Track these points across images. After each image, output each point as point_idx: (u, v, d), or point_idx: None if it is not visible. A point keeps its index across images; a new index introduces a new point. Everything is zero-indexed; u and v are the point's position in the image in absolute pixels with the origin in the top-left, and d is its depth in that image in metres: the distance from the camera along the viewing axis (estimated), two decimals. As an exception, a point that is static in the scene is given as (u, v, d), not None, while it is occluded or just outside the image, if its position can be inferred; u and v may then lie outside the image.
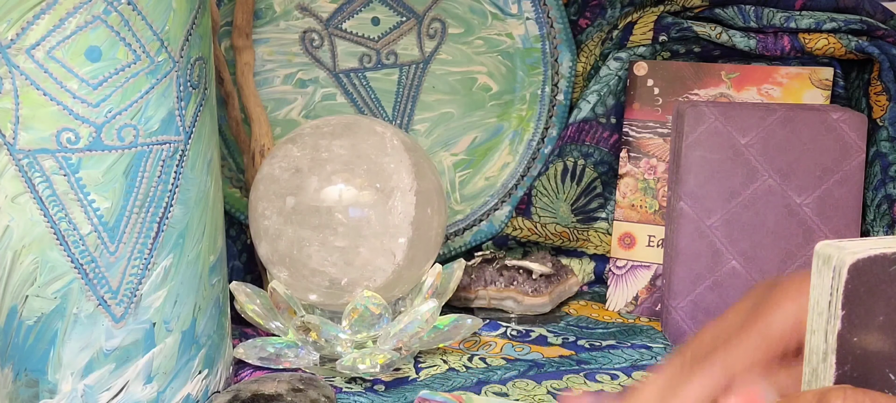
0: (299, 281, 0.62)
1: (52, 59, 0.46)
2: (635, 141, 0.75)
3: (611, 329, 0.71)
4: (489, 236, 0.79)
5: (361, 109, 0.77)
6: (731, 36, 0.73)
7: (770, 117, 0.67)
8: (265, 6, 0.74)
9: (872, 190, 0.69)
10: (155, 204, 0.50)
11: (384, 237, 0.60)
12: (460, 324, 0.64)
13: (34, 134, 0.47)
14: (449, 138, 0.79)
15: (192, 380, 0.54)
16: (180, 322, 0.53)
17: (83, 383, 0.51)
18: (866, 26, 0.71)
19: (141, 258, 0.50)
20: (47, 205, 0.48)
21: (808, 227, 0.67)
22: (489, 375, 0.62)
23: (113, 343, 0.51)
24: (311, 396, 0.55)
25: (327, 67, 0.76)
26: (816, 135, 0.66)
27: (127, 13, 0.47)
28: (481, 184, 0.80)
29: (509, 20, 0.77)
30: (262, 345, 0.61)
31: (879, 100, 0.71)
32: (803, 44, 0.72)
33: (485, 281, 0.73)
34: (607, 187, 0.79)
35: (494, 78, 0.78)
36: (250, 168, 0.73)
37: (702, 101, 0.71)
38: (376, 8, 0.76)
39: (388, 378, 0.62)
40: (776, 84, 0.73)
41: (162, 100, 0.49)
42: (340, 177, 0.60)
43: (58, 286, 0.49)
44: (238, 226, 0.76)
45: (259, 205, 0.62)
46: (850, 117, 0.67)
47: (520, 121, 0.79)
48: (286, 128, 0.76)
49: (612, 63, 0.76)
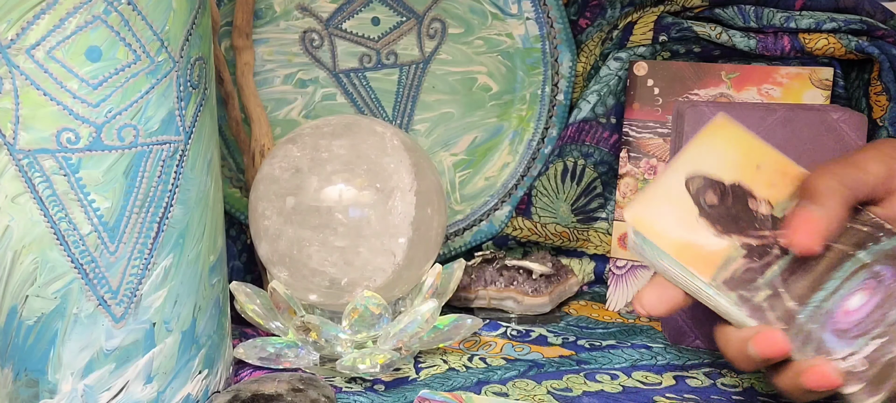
0: (299, 281, 0.62)
1: (52, 59, 0.46)
2: (635, 141, 0.75)
3: (611, 329, 0.71)
4: (489, 236, 0.79)
5: (361, 109, 0.77)
6: (731, 36, 0.73)
7: (770, 117, 0.67)
8: (265, 6, 0.74)
9: (872, 190, 0.69)
10: (155, 204, 0.50)
11: (384, 237, 0.60)
12: (460, 324, 0.64)
13: (34, 134, 0.47)
14: (449, 138, 0.79)
15: (192, 380, 0.54)
16: (180, 322, 0.53)
17: (83, 383, 0.51)
18: (866, 26, 0.71)
19: (141, 258, 0.50)
20: (47, 205, 0.48)
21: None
22: (489, 375, 0.62)
23: (113, 344, 0.51)
24: (311, 396, 0.55)
25: (327, 67, 0.76)
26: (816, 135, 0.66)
27: (127, 13, 0.47)
28: (481, 184, 0.80)
29: (509, 20, 0.77)
30: (262, 345, 0.61)
31: (879, 100, 0.71)
32: (803, 44, 0.72)
33: (485, 281, 0.73)
34: (607, 187, 0.79)
35: (494, 78, 0.78)
36: (250, 168, 0.73)
37: (702, 101, 0.71)
38: (376, 8, 0.76)
39: (388, 378, 0.62)
40: (776, 84, 0.73)
41: (162, 100, 0.49)
42: (340, 177, 0.60)
43: (58, 286, 0.49)
44: (238, 226, 0.76)
45: (259, 205, 0.62)
46: (850, 117, 0.67)
47: (520, 121, 0.79)
48: (286, 128, 0.76)
49: (612, 63, 0.76)
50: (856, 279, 0.46)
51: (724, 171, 0.49)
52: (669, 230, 0.48)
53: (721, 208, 0.48)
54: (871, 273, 0.45)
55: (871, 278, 0.45)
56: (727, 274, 0.47)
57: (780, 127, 0.67)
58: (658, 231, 0.48)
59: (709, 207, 0.48)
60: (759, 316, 0.45)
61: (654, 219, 0.48)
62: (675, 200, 0.49)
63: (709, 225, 0.48)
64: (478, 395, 0.58)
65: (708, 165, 0.50)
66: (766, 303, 0.45)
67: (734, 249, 0.47)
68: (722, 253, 0.47)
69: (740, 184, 0.49)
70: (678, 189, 0.49)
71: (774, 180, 0.49)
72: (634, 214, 0.48)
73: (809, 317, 0.45)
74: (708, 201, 0.48)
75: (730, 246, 0.47)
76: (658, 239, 0.47)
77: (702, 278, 0.46)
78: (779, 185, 0.49)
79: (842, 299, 0.45)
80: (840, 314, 0.45)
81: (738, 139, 0.51)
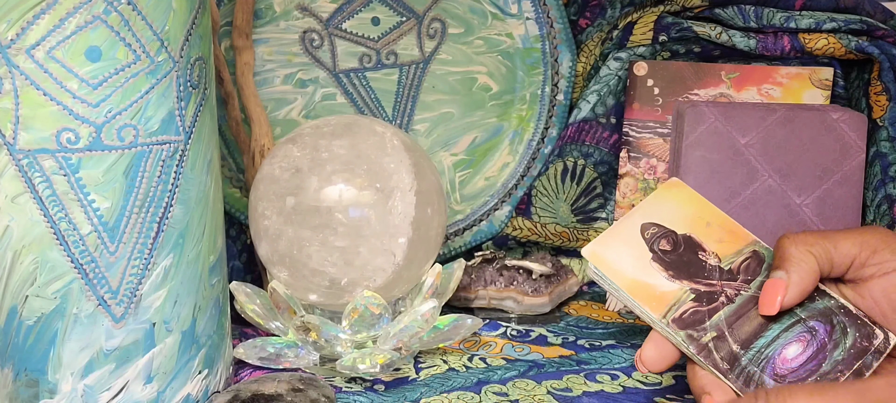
0: (299, 281, 0.62)
1: (52, 59, 0.46)
2: (635, 141, 0.75)
3: (611, 329, 0.71)
4: (489, 236, 0.79)
5: (361, 109, 0.77)
6: (731, 36, 0.73)
7: (770, 117, 0.67)
8: (265, 6, 0.74)
9: (872, 190, 0.69)
10: (155, 204, 0.50)
11: (384, 237, 0.60)
12: (460, 324, 0.64)
13: (34, 134, 0.47)
14: (449, 138, 0.79)
15: (192, 380, 0.54)
16: (180, 322, 0.53)
17: (83, 383, 0.51)
18: (866, 26, 0.71)
19: (141, 258, 0.50)
20: (47, 205, 0.48)
21: (808, 227, 0.67)
22: (489, 375, 0.62)
23: (113, 343, 0.51)
24: (311, 396, 0.55)
25: (327, 67, 0.76)
26: (816, 135, 0.67)
27: (127, 13, 0.47)
28: (481, 184, 0.80)
29: (509, 20, 0.77)
30: (262, 345, 0.61)
31: (879, 100, 0.71)
32: (803, 44, 0.72)
33: (485, 281, 0.73)
34: (607, 187, 0.79)
35: (494, 78, 0.78)
36: (250, 168, 0.73)
37: (702, 101, 0.71)
38: (376, 8, 0.76)
39: (388, 378, 0.62)
40: (776, 84, 0.73)
41: (162, 100, 0.49)
42: (340, 177, 0.60)
43: (58, 286, 0.49)
44: (238, 226, 0.76)
45: (259, 205, 0.62)
46: (850, 117, 0.67)
47: (520, 121, 0.79)
48: (286, 128, 0.76)
49: (612, 63, 0.76)
50: (792, 331, 0.50)
51: (676, 224, 0.54)
52: (625, 269, 0.52)
53: (673, 255, 0.53)
54: (806, 327, 0.50)
55: (806, 332, 0.50)
56: (677, 313, 0.51)
57: (780, 127, 0.67)
58: (615, 268, 0.52)
59: (662, 252, 0.53)
60: (705, 355, 0.49)
61: (612, 258, 0.53)
62: (631, 244, 0.53)
63: (662, 270, 0.52)
64: (478, 395, 0.59)
65: (662, 217, 0.55)
66: (712, 344, 0.50)
67: (684, 293, 0.52)
68: (673, 295, 0.52)
69: (691, 236, 0.54)
70: (634, 234, 0.54)
71: (722, 237, 0.54)
72: (592, 252, 0.53)
73: (751, 360, 0.49)
74: (661, 247, 0.53)
75: (680, 290, 0.52)
76: (614, 275, 0.52)
77: (653, 314, 0.51)
78: (726, 242, 0.54)
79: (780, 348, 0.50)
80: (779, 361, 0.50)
81: (690, 199, 0.55)
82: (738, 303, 0.52)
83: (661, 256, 0.53)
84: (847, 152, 0.66)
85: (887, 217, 0.68)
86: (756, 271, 0.53)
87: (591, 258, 0.53)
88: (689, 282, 0.52)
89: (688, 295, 0.52)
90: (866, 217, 0.69)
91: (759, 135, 0.67)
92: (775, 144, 0.67)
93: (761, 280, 0.52)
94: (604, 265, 0.53)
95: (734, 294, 0.52)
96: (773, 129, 0.67)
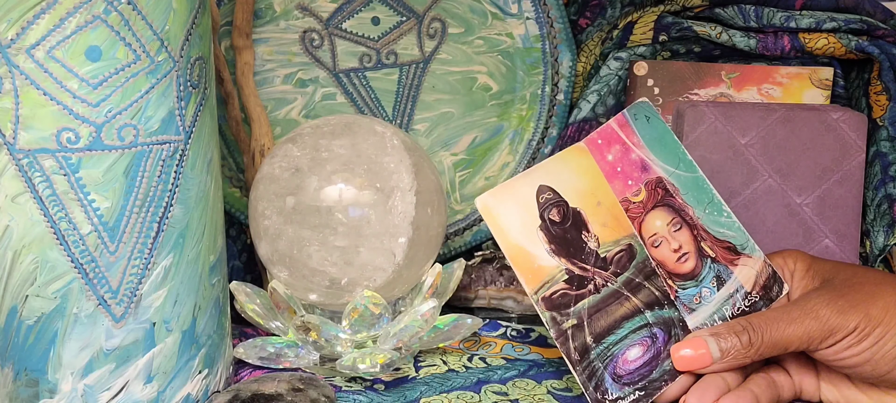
0: (299, 281, 0.62)
1: (52, 59, 0.46)
2: (635, 141, 0.75)
3: (611, 328, 0.71)
4: (489, 236, 0.79)
5: (361, 109, 0.77)
6: (731, 36, 0.73)
7: (770, 117, 0.67)
8: (265, 6, 0.74)
9: (872, 189, 0.69)
10: (155, 203, 0.50)
11: (384, 237, 0.60)
12: (460, 324, 0.64)
13: (34, 133, 0.47)
14: (449, 138, 0.79)
15: (192, 380, 0.54)
16: (180, 321, 0.53)
17: (83, 383, 0.51)
18: (866, 26, 0.71)
19: (141, 258, 0.50)
20: (47, 205, 0.48)
21: (808, 227, 0.67)
22: (489, 375, 0.62)
23: (113, 343, 0.51)
24: (311, 396, 0.55)
25: (327, 67, 0.76)
26: (816, 135, 0.67)
27: (127, 13, 0.47)
28: (481, 184, 0.80)
29: (509, 20, 0.77)
30: (262, 345, 0.61)
31: (879, 99, 0.71)
32: (803, 43, 0.72)
33: (485, 281, 0.73)
34: (607, 187, 0.79)
35: (494, 78, 0.78)
36: (250, 168, 0.73)
37: (702, 101, 0.71)
38: (376, 8, 0.76)
39: (388, 378, 0.62)
40: (776, 84, 0.73)
41: (162, 99, 0.49)
42: (340, 176, 0.60)
43: (58, 286, 0.49)
44: (238, 226, 0.76)
45: (259, 205, 0.62)
46: (850, 117, 0.67)
47: (520, 120, 0.79)
48: (286, 128, 0.76)
49: (612, 63, 0.76)
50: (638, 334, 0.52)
51: (570, 195, 0.54)
52: (511, 231, 0.53)
53: (559, 228, 0.53)
54: (650, 333, 0.52)
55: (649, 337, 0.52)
56: (548, 292, 0.52)
57: (780, 127, 0.67)
58: (501, 226, 0.53)
59: (550, 222, 0.53)
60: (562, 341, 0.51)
61: (502, 215, 0.53)
62: (524, 204, 0.54)
63: (545, 241, 0.53)
64: (477, 394, 0.59)
65: (560, 183, 0.54)
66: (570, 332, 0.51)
67: (559, 271, 0.52)
68: (548, 271, 0.52)
69: (581, 212, 0.54)
70: (529, 194, 0.54)
71: (607, 221, 0.54)
72: (485, 204, 0.53)
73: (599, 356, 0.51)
74: (550, 216, 0.54)
75: (556, 268, 0.52)
76: (499, 234, 0.53)
77: (526, 287, 0.52)
78: (609, 227, 0.54)
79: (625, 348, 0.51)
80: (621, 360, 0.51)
81: (589, 171, 0.55)
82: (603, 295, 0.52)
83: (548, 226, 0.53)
84: (847, 152, 0.67)
85: (887, 216, 0.68)
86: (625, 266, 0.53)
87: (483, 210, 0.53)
88: (567, 261, 0.52)
89: (562, 274, 0.52)
90: (866, 216, 0.69)
91: (759, 135, 0.67)
92: (775, 144, 0.67)
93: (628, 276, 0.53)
94: (492, 220, 0.53)
95: (602, 284, 0.52)
96: (773, 129, 0.67)
